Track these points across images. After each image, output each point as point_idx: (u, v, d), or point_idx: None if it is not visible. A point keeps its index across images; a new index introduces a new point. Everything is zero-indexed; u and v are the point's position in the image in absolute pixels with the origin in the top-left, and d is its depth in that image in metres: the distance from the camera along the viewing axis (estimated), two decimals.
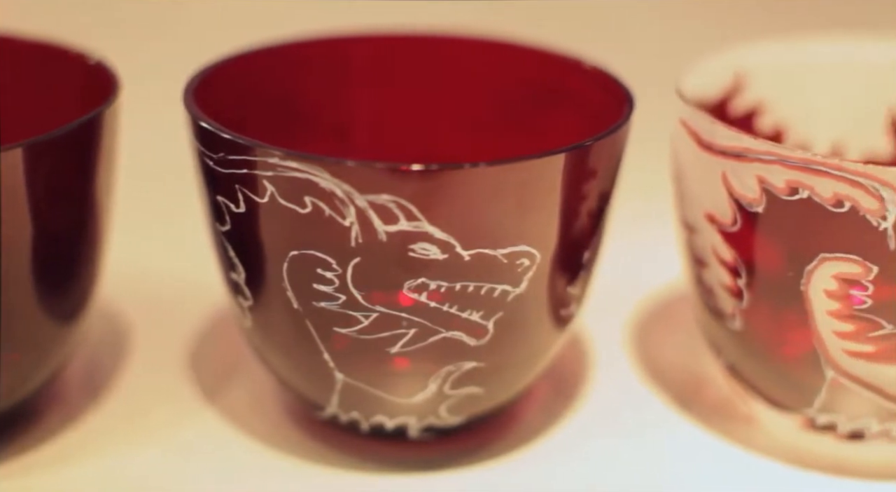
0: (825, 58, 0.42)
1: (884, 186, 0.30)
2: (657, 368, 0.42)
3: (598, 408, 0.40)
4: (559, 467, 0.37)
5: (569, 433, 0.38)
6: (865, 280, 0.32)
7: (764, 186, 0.32)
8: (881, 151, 0.42)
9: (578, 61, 0.38)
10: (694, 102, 0.39)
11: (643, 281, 0.47)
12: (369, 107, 0.41)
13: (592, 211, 0.34)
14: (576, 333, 0.44)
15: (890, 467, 0.36)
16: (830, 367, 0.34)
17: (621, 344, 0.43)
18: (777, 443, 0.37)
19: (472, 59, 0.40)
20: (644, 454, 0.37)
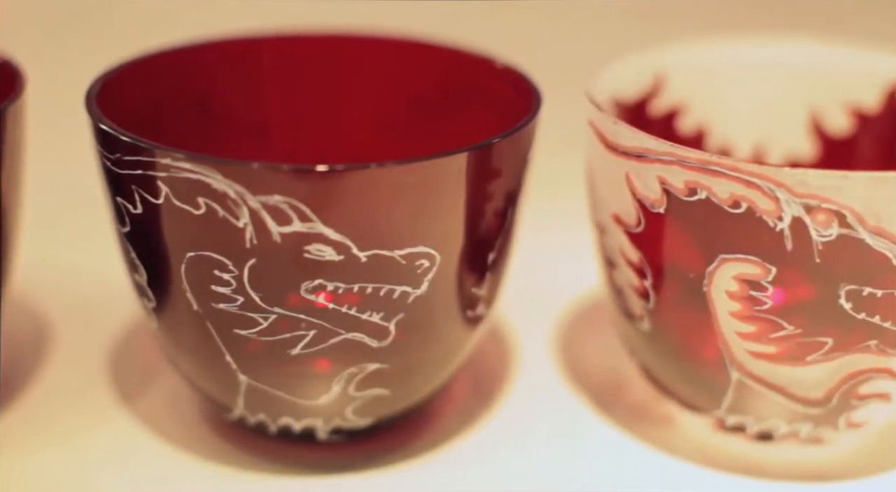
0: (747, 59, 0.42)
1: (778, 187, 0.30)
2: (580, 369, 0.42)
3: (517, 409, 0.40)
4: (473, 468, 0.36)
5: (485, 435, 0.38)
6: (765, 281, 0.32)
7: (665, 187, 0.32)
8: (803, 152, 0.42)
9: (490, 60, 0.38)
10: (612, 103, 0.39)
11: (572, 282, 0.47)
12: (286, 107, 0.41)
13: (498, 211, 0.34)
14: (501, 334, 0.44)
15: (799, 468, 0.36)
16: (735, 368, 0.33)
17: (546, 345, 0.43)
18: (691, 444, 0.37)
19: (387, 59, 0.40)
20: (559, 456, 0.37)
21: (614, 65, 0.39)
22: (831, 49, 0.41)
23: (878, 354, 0.32)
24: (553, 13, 0.64)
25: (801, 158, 0.42)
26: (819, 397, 0.33)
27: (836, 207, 0.30)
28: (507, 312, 0.45)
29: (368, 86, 0.40)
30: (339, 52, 0.40)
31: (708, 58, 0.41)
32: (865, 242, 0.30)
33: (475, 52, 0.39)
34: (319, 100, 0.41)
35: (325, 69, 0.40)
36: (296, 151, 0.41)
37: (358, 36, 0.40)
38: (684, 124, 0.42)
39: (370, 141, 0.41)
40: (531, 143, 0.34)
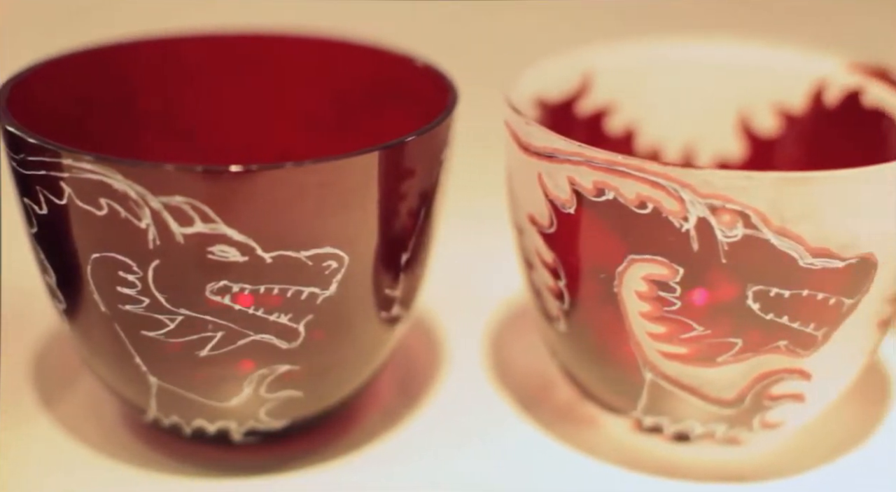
0: (675, 59, 0.42)
1: (683, 188, 0.30)
2: (508, 370, 0.42)
3: (442, 410, 0.39)
4: (392, 469, 0.36)
5: (408, 435, 0.38)
6: (673, 282, 0.32)
7: (574, 188, 0.32)
8: (732, 152, 0.42)
9: (410, 59, 0.38)
10: (537, 103, 0.39)
11: (505, 283, 0.46)
12: (213, 107, 0.40)
13: (411, 211, 0.33)
14: (432, 334, 0.44)
15: (717, 469, 0.36)
16: (648, 369, 0.33)
17: (477, 346, 0.43)
18: (611, 445, 0.37)
19: (310, 58, 0.40)
20: (481, 457, 0.37)
21: (539, 64, 0.39)
22: (758, 49, 0.41)
23: (789, 355, 0.32)
24: (485, 14, 0.64)
25: (731, 159, 0.42)
26: (731, 397, 0.33)
27: (741, 208, 0.30)
28: (440, 312, 0.45)
29: (294, 85, 0.40)
30: (263, 51, 0.40)
31: (636, 58, 0.41)
32: (771, 243, 0.30)
33: (396, 51, 0.38)
34: (246, 100, 0.41)
35: (250, 69, 0.40)
36: (223, 151, 0.41)
37: (281, 35, 0.40)
38: (613, 124, 0.42)
39: (298, 140, 0.41)
40: (446, 142, 0.34)
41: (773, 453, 0.37)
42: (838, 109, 0.40)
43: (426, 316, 0.45)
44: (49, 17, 0.68)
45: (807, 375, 0.33)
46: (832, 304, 0.32)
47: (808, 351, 0.32)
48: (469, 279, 0.46)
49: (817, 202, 0.30)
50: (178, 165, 0.29)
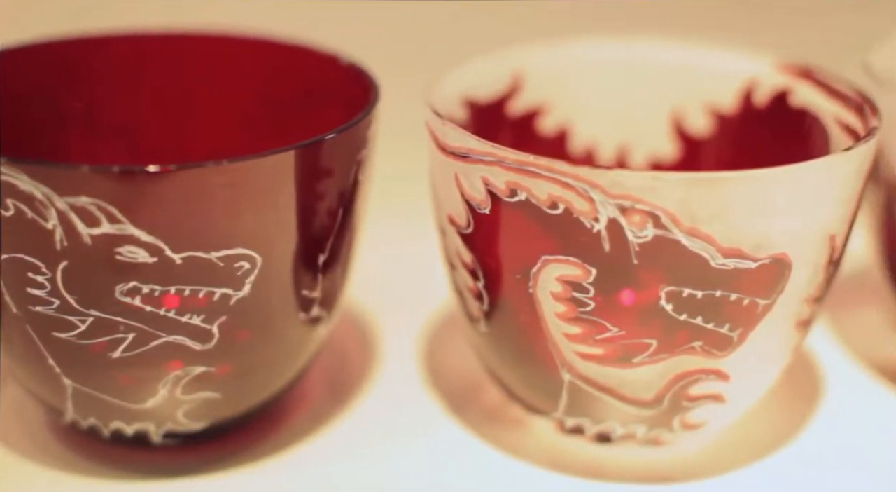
0: (608, 58, 0.41)
1: (593, 188, 0.30)
2: (441, 371, 0.41)
3: (372, 410, 0.39)
4: (318, 470, 0.36)
5: (335, 436, 0.38)
6: (586, 282, 0.31)
7: (488, 188, 0.32)
8: (665, 152, 0.42)
9: (335, 58, 0.38)
10: (465, 103, 0.39)
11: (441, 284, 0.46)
12: (148, 106, 0.40)
13: (328, 211, 0.33)
14: (368, 334, 0.44)
15: (641, 469, 0.36)
16: (566, 370, 0.33)
17: (412, 346, 0.43)
18: (537, 446, 0.37)
19: (240, 57, 0.39)
20: (406, 457, 0.37)
21: (468, 64, 0.39)
22: (690, 49, 0.41)
23: (705, 356, 0.32)
24: (420, 14, 0.64)
25: (665, 159, 0.42)
26: (650, 398, 0.33)
27: (650, 208, 0.30)
28: (376, 313, 0.45)
29: (226, 84, 0.40)
30: (194, 50, 0.40)
31: (568, 58, 0.41)
32: (681, 244, 0.30)
33: (322, 50, 0.38)
34: (178, 99, 0.41)
35: (183, 68, 0.40)
36: (155, 151, 0.41)
37: (212, 34, 0.40)
38: (545, 125, 0.42)
39: (233, 139, 0.41)
40: (365, 142, 0.34)
41: (699, 454, 0.37)
42: (767, 109, 0.39)
43: (362, 316, 0.45)
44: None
45: (725, 376, 0.33)
46: (746, 304, 0.32)
47: (724, 352, 0.32)
48: (406, 280, 0.46)
49: (727, 203, 0.30)
50: (82, 166, 0.29)
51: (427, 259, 0.47)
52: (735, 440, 0.38)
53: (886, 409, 0.39)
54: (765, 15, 0.60)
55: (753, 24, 0.60)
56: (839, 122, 0.36)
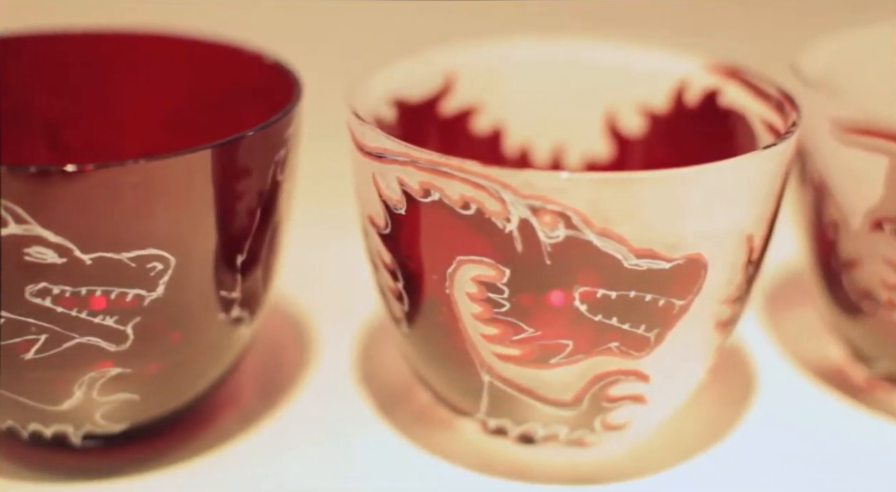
0: (541, 59, 0.41)
1: (504, 188, 0.30)
2: (375, 372, 0.41)
3: (303, 411, 0.39)
4: (246, 470, 0.36)
5: (262, 437, 0.38)
6: (500, 283, 0.31)
7: (403, 188, 0.32)
8: (600, 152, 0.42)
9: (259, 56, 0.38)
10: (394, 102, 0.39)
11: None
12: (73, 106, 0.40)
13: (247, 211, 0.33)
14: (305, 335, 0.44)
15: (565, 471, 0.36)
16: (485, 371, 0.33)
17: (348, 347, 0.43)
18: (464, 448, 0.37)
19: (167, 56, 0.39)
20: (332, 459, 0.36)
21: (397, 63, 0.39)
22: (622, 49, 0.41)
23: (622, 357, 0.32)
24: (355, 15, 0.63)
25: (599, 159, 0.42)
26: (569, 399, 0.33)
27: (561, 209, 0.30)
28: (314, 313, 0.45)
29: (153, 83, 0.40)
30: (121, 49, 0.40)
31: (501, 58, 0.41)
32: (593, 244, 0.30)
33: (246, 49, 0.38)
34: (107, 99, 0.40)
35: (109, 68, 0.40)
36: (86, 151, 0.41)
37: (140, 33, 0.39)
38: (479, 125, 0.41)
39: (161, 138, 0.40)
40: (285, 141, 0.34)
41: (626, 455, 0.37)
42: (698, 109, 0.39)
43: (299, 316, 0.45)
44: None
45: (644, 376, 0.33)
46: (662, 305, 0.31)
47: (641, 353, 0.32)
48: (344, 280, 0.46)
49: (638, 203, 0.30)
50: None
51: (363, 258, 0.47)
52: (664, 441, 0.37)
53: (817, 409, 0.39)
54: (698, 16, 0.60)
55: (686, 25, 0.60)
56: (764, 122, 0.36)
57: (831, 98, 0.36)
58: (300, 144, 0.37)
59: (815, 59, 0.41)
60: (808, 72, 0.39)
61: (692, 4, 0.60)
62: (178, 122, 0.40)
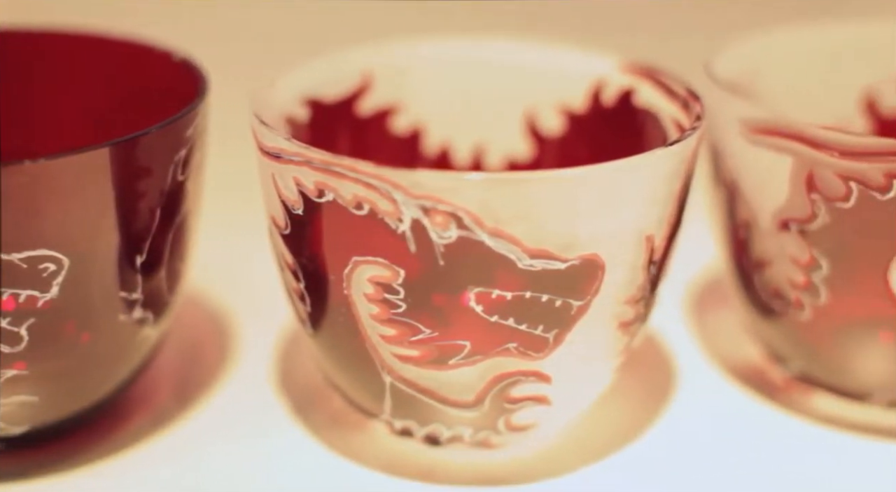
0: (462, 58, 0.41)
1: (395, 189, 0.30)
2: (295, 373, 0.41)
3: (218, 412, 0.39)
4: (155, 472, 0.36)
5: (175, 438, 0.37)
6: (396, 284, 0.31)
7: (300, 188, 0.31)
8: (520, 152, 0.42)
9: (167, 54, 0.37)
10: (308, 102, 0.38)
11: None
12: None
13: (147, 211, 0.33)
14: (227, 335, 0.43)
15: (473, 472, 0.36)
16: (386, 372, 0.33)
17: (269, 347, 0.42)
18: (375, 449, 0.37)
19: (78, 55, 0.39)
20: (244, 461, 0.36)
21: (311, 63, 0.39)
22: (541, 49, 0.41)
23: (521, 358, 0.32)
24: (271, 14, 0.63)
25: (520, 158, 0.42)
26: (470, 400, 0.33)
27: (452, 209, 0.30)
28: (237, 313, 0.44)
29: (66, 82, 0.40)
30: (34, 48, 0.39)
31: (419, 57, 0.41)
32: (486, 245, 0.30)
33: (155, 47, 0.38)
34: (20, 97, 0.40)
35: (19, 66, 0.39)
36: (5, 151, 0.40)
37: (47, 31, 0.39)
38: (398, 125, 0.41)
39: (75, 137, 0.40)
40: (185, 141, 0.34)
41: (536, 456, 0.36)
42: (615, 109, 0.39)
43: (222, 316, 0.44)
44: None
45: (545, 377, 0.33)
46: (559, 305, 0.31)
47: (540, 353, 0.32)
48: (269, 281, 0.46)
49: (530, 203, 0.30)
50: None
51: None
52: (577, 441, 0.37)
53: (734, 410, 0.39)
54: (616, 17, 0.60)
55: (604, 25, 0.60)
56: (674, 121, 0.36)
57: (739, 98, 0.36)
58: (206, 142, 0.36)
59: (731, 60, 0.41)
60: (721, 72, 0.39)
61: (616, 4, 0.60)
62: (91, 120, 0.40)
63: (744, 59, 0.42)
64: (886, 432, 0.38)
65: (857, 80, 0.44)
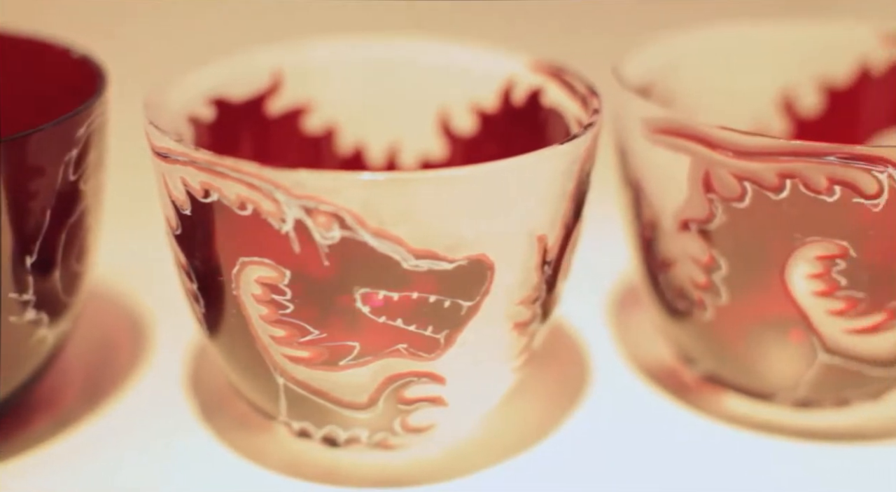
0: (374, 57, 0.41)
1: (277, 189, 0.29)
2: (207, 374, 0.41)
3: (127, 415, 0.38)
4: (55, 475, 0.35)
5: (80, 440, 0.37)
6: (282, 284, 0.31)
7: (187, 189, 0.31)
8: (434, 152, 0.42)
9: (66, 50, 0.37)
10: (214, 101, 0.38)
11: None
12: None
13: (35, 211, 0.32)
14: (143, 336, 0.43)
15: (374, 473, 0.35)
16: (279, 373, 0.33)
17: (184, 349, 0.42)
18: (278, 452, 0.36)
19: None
20: (146, 463, 0.36)
21: (216, 62, 0.38)
22: (452, 48, 0.40)
23: (412, 359, 0.32)
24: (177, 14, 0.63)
25: (433, 158, 0.42)
26: (364, 401, 0.33)
27: (334, 209, 0.29)
28: (153, 313, 0.44)
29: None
30: None
31: (331, 56, 0.41)
32: (369, 245, 0.30)
33: (54, 43, 0.37)
34: None
35: None
36: None
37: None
38: (311, 124, 0.41)
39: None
40: (77, 141, 0.33)
41: (444, 456, 0.36)
42: (524, 108, 0.39)
43: (138, 317, 0.44)
44: None
45: (439, 378, 0.33)
46: (448, 306, 0.31)
47: (431, 354, 0.32)
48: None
49: (413, 203, 0.29)
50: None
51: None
52: (485, 441, 0.37)
53: (644, 409, 0.39)
54: (526, 18, 0.60)
55: (515, 26, 0.59)
56: (578, 121, 0.36)
57: (640, 98, 0.36)
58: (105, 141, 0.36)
59: (647, 60, 0.40)
60: (628, 73, 0.39)
61: (514, 6, 0.60)
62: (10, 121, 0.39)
63: (660, 59, 0.41)
64: (791, 432, 0.38)
65: (774, 81, 0.44)
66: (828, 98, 0.44)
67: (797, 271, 0.34)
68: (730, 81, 0.43)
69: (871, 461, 0.37)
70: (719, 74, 0.43)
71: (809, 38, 0.43)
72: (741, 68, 0.43)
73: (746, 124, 0.44)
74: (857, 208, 0.32)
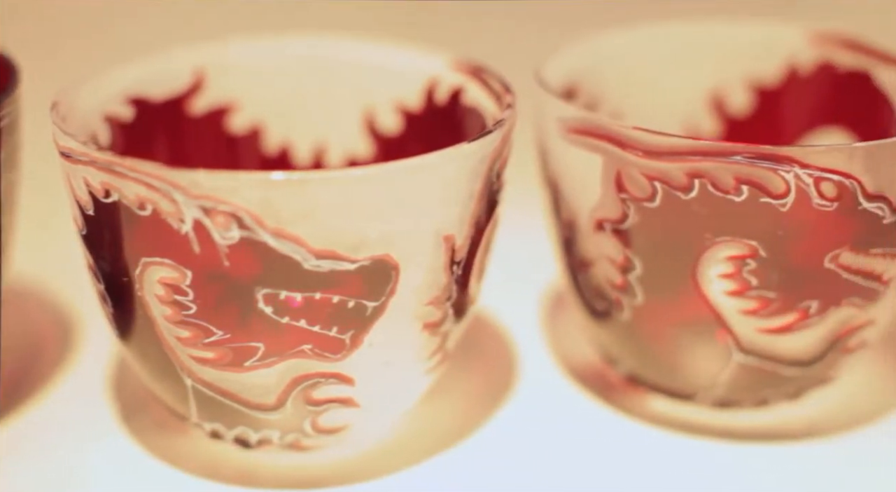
0: (298, 56, 0.41)
1: (175, 189, 0.29)
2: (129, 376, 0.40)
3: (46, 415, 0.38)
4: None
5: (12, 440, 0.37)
6: (184, 285, 0.31)
7: (89, 189, 0.31)
8: (361, 151, 0.41)
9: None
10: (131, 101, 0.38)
11: None
12: None
13: None
14: (71, 335, 0.43)
15: (290, 474, 0.35)
16: (186, 374, 0.32)
17: (109, 350, 0.41)
18: (195, 454, 0.36)
19: None
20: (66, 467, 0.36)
21: (135, 61, 0.38)
22: (378, 48, 0.40)
23: (318, 359, 0.32)
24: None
25: (360, 158, 0.42)
26: (272, 403, 0.32)
27: (232, 209, 0.29)
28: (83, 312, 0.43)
29: None
30: None
31: (255, 55, 0.40)
32: (269, 245, 0.29)
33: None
34: None
35: None
36: None
37: None
38: (236, 124, 0.41)
39: None
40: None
41: (361, 457, 0.36)
42: (447, 107, 0.39)
43: (62, 319, 0.43)
44: None
45: (347, 379, 0.32)
46: (352, 307, 0.31)
47: (338, 355, 0.32)
48: None
49: (312, 203, 0.29)
50: None
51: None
52: (405, 441, 0.37)
53: (568, 409, 0.39)
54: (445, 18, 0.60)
55: (434, 26, 0.59)
56: (495, 120, 0.35)
57: (556, 98, 0.36)
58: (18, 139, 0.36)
59: (571, 59, 0.40)
60: (551, 73, 0.38)
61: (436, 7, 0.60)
62: None
63: (586, 59, 0.41)
64: (712, 432, 0.37)
65: (704, 81, 0.44)
66: (757, 98, 0.43)
67: (709, 271, 0.34)
68: (659, 82, 0.43)
69: (791, 461, 0.36)
70: (648, 75, 0.43)
71: (738, 37, 0.43)
72: (670, 68, 0.43)
73: (676, 125, 0.44)
74: (765, 208, 0.32)
